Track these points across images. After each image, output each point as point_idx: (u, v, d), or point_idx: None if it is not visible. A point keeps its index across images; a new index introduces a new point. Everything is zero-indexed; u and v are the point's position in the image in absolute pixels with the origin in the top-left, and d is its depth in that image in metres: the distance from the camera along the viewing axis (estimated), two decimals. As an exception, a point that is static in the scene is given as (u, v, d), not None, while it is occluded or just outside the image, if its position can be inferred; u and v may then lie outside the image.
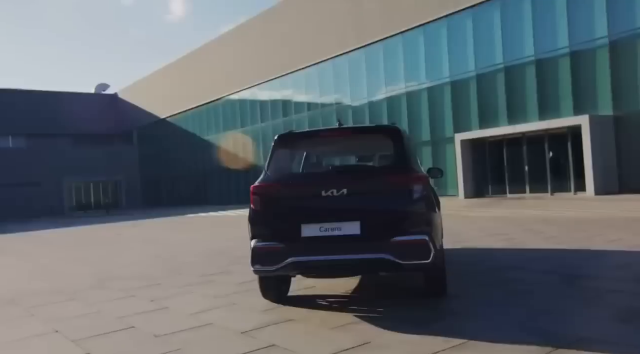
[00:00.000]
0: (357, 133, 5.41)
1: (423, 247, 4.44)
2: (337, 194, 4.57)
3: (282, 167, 5.08)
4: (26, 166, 43.84)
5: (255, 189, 4.89)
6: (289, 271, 4.71)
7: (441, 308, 4.80)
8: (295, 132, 5.31)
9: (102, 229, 21.35)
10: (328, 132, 5.31)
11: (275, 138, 5.19)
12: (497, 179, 20.83)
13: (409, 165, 4.80)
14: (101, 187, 48.08)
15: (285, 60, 30.28)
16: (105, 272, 8.50)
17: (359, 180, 4.77)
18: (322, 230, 4.58)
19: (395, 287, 5.86)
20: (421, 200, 4.59)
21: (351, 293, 5.60)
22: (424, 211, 4.61)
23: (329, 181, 4.72)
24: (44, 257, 11.79)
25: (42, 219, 35.39)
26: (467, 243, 9.04)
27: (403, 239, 4.44)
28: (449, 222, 12.56)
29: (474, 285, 5.67)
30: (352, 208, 4.58)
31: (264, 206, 4.82)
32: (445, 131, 22.27)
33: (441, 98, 22.43)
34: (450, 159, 21.74)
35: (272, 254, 4.65)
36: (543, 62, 18.82)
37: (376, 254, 4.44)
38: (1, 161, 43.14)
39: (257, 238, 4.79)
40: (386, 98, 24.86)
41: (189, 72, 39.39)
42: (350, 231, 4.53)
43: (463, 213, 15.74)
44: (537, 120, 18.82)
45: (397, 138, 4.93)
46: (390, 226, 4.50)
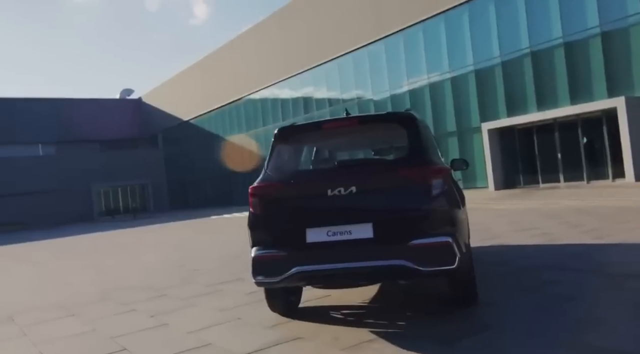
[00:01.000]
0: (366, 122, 4.60)
1: (446, 250, 3.83)
2: (345, 192, 3.99)
3: (283, 164, 4.52)
4: (56, 173, 44.52)
5: (254, 190, 4.35)
6: (294, 282, 4.15)
7: (472, 319, 4.18)
8: (296, 124, 4.73)
9: (124, 234, 21.19)
10: (333, 123, 4.60)
11: (275, 132, 4.64)
12: (529, 168, 19.88)
13: (426, 156, 4.19)
14: (129, 191, 48.41)
15: (304, 57, 29.74)
16: (113, 281, 8.12)
17: (369, 176, 4.15)
18: (329, 234, 4.01)
19: (419, 294, 5.24)
20: (442, 196, 3.97)
21: (369, 303, 5.02)
22: (446, 208, 3.99)
23: (335, 178, 4.16)
24: (58, 266, 11.54)
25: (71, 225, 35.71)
26: (498, 240, 8.34)
27: (423, 242, 3.84)
28: (477, 216, 11.84)
29: (508, 290, 5.02)
30: (362, 208, 4.01)
31: (265, 209, 4.28)
32: (471, 120, 21.39)
33: (466, 87, 21.55)
34: (478, 150, 20.86)
35: (274, 264, 4.10)
36: (572, 44, 17.79)
37: (392, 261, 3.86)
38: (32, 169, 43.97)
39: (257, 246, 4.25)
40: (409, 90, 24.06)
41: (210, 73, 39.21)
42: (361, 234, 3.95)
43: (492, 206, 14.96)
44: (569, 105, 17.82)
45: (412, 126, 4.32)
46: (408, 228, 3.91)
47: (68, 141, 46.64)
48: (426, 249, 3.83)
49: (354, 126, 4.51)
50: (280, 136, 4.60)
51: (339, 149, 6.54)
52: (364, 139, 5.70)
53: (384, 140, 5.83)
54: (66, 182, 44.78)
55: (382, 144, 6.38)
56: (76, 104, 47.48)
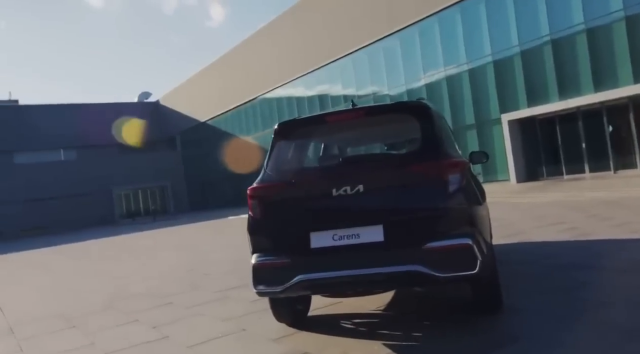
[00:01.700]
0: (374, 114, 4.16)
1: (466, 254, 3.44)
2: (352, 191, 3.62)
3: (284, 162, 4.15)
4: (77, 178, 45.04)
5: (253, 192, 3.99)
6: (298, 291, 3.78)
7: (497, 329, 3.77)
8: (298, 118, 4.35)
9: (142, 237, 21.09)
10: (337, 116, 4.21)
11: (275, 128, 4.27)
12: (552, 159, 19.24)
13: (441, 149, 3.78)
14: (149, 193, 48.69)
15: (319, 54, 29.36)
16: (121, 288, 7.87)
17: (377, 173, 3.75)
18: (336, 238, 3.63)
19: (437, 299, 4.83)
20: (460, 192, 3.56)
21: (383, 310, 4.63)
22: (465, 206, 3.59)
23: (340, 176, 3.77)
24: (70, 272, 11.37)
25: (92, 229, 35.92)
26: (522, 236, 7.87)
27: (439, 245, 3.45)
28: (500, 210, 11.34)
29: (537, 293, 4.58)
30: (372, 209, 3.63)
31: (264, 212, 3.92)
32: (490, 112, 20.78)
33: (484, 78, 20.94)
34: (499, 142, 20.27)
35: (276, 272, 3.75)
36: (594, 29, 17.09)
37: (405, 267, 3.47)
38: (54, 174, 44.53)
39: (258, 252, 3.90)
40: (425, 84, 23.50)
41: (225, 73, 39.09)
42: (371, 237, 3.57)
43: (515, 199, 14.41)
44: (593, 92, 17.13)
45: (424, 116, 3.92)
46: (422, 229, 3.52)
47: (88, 145, 47.04)
48: (443, 252, 3.44)
49: (361, 118, 4.09)
50: (281, 131, 4.23)
51: (346, 144, 6.06)
52: (372, 132, 5.24)
53: (394, 133, 5.36)
54: (87, 186, 45.28)
55: (393, 137, 5.89)
56: (95, 108, 47.82)
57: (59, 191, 44.34)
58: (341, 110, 4.22)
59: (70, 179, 44.82)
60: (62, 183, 44.70)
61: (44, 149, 45.37)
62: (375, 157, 4.17)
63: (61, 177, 44.72)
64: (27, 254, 20.16)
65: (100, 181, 45.61)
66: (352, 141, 6.05)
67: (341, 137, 5.27)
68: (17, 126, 43.82)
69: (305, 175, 4.05)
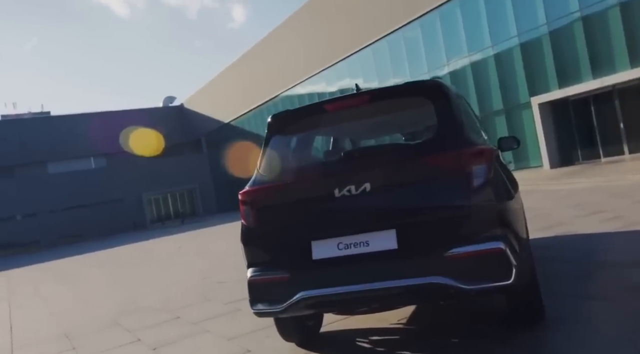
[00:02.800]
0: (380, 98, 3.49)
1: (498, 260, 2.85)
2: (358, 191, 3.07)
3: (280, 161, 3.59)
4: (108, 185, 45.68)
5: (245, 197, 3.47)
6: (301, 310, 3.24)
7: (539, 344, 3.18)
8: (292, 109, 3.73)
9: (167, 241, 20.92)
10: (338, 103, 3.50)
11: (268, 121, 3.73)
12: (587, 142, 18.20)
13: (461, 135, 3.16)
14: (178, 197, 49.00)
15: (338, 47, 28.73)
16: (133, 301, 7.50)
17: (386, 167, 3.16)
18: (341, 247, 3.10)
19: (467, 310, 4.21)
20: (487, 186, 2.95)
21: (405, 324, 4.03)
22: (493, 202, 2.97)
23: (342, 173, 3.20)
24: (88, 284, 11.12)
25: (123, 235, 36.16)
26: (562, 228, 7.14)
27: (465, 251, 2.87)
28: (534, 199, 10.58)
29: (584, 299, 3.91)
30: (381, 211, 3.07)
31: (259, 220, 3.40)
32: (519, 96, 19.83)
33: (510, 61, 19.99)
34: (529, 127, 19.32)
35: (275, 289, 3.24)
36: (629, 2, 16.03)
37: (425, 279, 2.90)
38: (86, 182, 45.23)
39: (253, 267, 3.40)
40: (449, 72, 22.64)
41: (246, 73, 38.82)
42: (382, 245, 3.01)
43: (551, 186, 13.57)
44: (629, 68, 16.05)
45: (439, 97, 3.30)
46: (443, 233, 2.95)
47: (117, 152, 47.49)
48: (470, 260, 2.86)
49: (365, 104, 3.46)
50: (274, 125, 3.68)
51: (351, 136, 5.33)
52: (381, 120, 4.52)
53: (406, 119, 4.68)
54: (118, 193, 45.92)
55: (405, 125, 5.16)
56: (122, 115, 48.20)
57: (92, 198, 45.13)
58: (342, 96, 3.59)
59: (101, 186, 45.53)
60: (94, 191, 45.41)
61: (75, 158, 46.02)
62: (383, 150, 3.46)
63: (93, 185, 45.45)
64: (55, 263, 20.21)
65: (130, 186, 46.17)
66: (358, 132, 5.34)
67: (344, 128, 4.61)
68: (50, 137, 44.55)
69: (303, 175, 3.44)
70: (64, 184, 44.78)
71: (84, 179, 45.63)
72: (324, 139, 5.22)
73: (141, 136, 45.29)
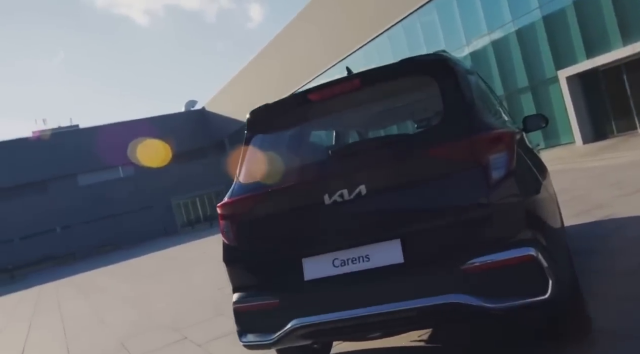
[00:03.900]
0: (374, 81, 2.85)
1: (529, 270, 2.31)
2: (351, 196, 2.55)
3: (262, 166, 3.07)
4: (137, 192, 46.22)
5: (223, 210, 2.98)
6: (296, 340, 2.73)
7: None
8: (273, 102, 3.16)
9: (193, 246, 20.73)
10: (325, 91, 2.88)
11: (247, 118, 3.23)
12: (621, 113, 17.20)
13: (473, 118, 2.56)
14: (205, 199, 49.15)
15: (353, 36, 28.09)
16: (146, 318, 7.17)
17: (383, 165, 2.59)
18: (337, 264, 2.58)
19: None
20: (508, 179, 2.38)
21: (425, 341, 3.48)
22: (518, 197, 2.38)
23: (330, 175, 2.66)
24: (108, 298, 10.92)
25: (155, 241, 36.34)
26: (602, 211, 6.39)
27: (486, 261, 2.32)
28: (569, 179, 9.84)
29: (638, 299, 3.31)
30: (382, 218, 2.54)
31: (240, 235, 2.90)
32: (545, 71, 18.90)
33: (533, 35, 19.04)
34: (558, 102, 18.40)
35: (265, 317, 2.76)
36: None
37: (439, 298, 2.36)
38: (116, 191, 45.83)
39: (239, 291, 2.92)
40: (470, 53, 21.78)
41: (262, 71, 38.52)
42: (386, 259, 2.48)
43: (585, 163, 12.74)
44: (662, 32, 15.08)
45: (446, 75, 2.69)
46: (458, 241, 2.41)
47: (144, 160, 47.92)
48: (494, 272, 2.32)
49: (358, 89, 2.85)
50: (254, 123, 3.18)
51: (343, 129, 4.54)
52: (381, 107, 3.85)
53: (413, 104, 4.03)
54: (148, 200, 46.42)
55: (412, 111, 4.46)
56: (146, 123, 48.51)
57: (123, 207, 45.77)
58: (328, 82, 2.95)
59: (131, 194, 46.12)
60: (125, 199, 46.03)
61: (103, 168, 46.56)
62: (379, 144, 2.79)
63: (123, 193, 46.07)
64: (85, 276, 20.27)
65: (159, 193, 46.58)
66: (352, 124, 4.57)
67: (335, 120, 3.92)
68: (79, 149, 45.15)
69: (290, 180, 2.81)
70: (94, 195, 45.48)
71: (113, 189, 46.27)
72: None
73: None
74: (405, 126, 4.59)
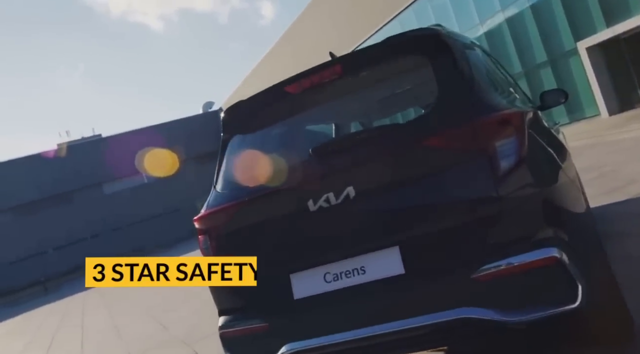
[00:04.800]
0: (357, 66, 2.54)
1: (554, 275, 1.96)
2: (339, 200, 2.20)
3: (241, 171, 2.74)
4: (163, 197, 46.63)
5: (201, 223, 2.66)
6: None
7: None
8: (246, 99, 2.78)
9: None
10: (303, 81, 2.56)
11: (222, 118, 2.91)
12: (648, 81, 16.47)
13: (474, 99, 2.21)
14: (231, 199, 49.25)
15: (364, 23, 27.62)
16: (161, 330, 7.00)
17: (371, 161, 2.24)
18: (329, 279, 2.26)
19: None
20: (520, 167, 2.02)
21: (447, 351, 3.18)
22: (534, 188, 2.04)
23: (313, 177, 2.33)
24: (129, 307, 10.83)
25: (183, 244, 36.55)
26: (635, 187, 5.85)
27: (500, 267, 1.99)
28: (596, 154, 9.31)
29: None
30: (375, 223, 2.20)
31: (220, 251, 2.58)
32: (563, 44, 18.18)
33: (549, 7, 18.31)
34: (579, 74, 17.69)
35: (254, 342, 2.46)
36: None
37: (449, 313, 2.03)
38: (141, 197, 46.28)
39: (224, 314, 2.63)
40: (484, 33, 21.12)
41: (276, 67, 38.28)
42: (384, 270, 2.16)
43: (613, 136, 12.14)
44: (686, -8, 14.31)
45: (439, 51, 2.35)
46: (466, 245, 2.07)
47: (167, 164, 48.25)
48: (511, 280, 1.98)
49: (339, 77, 2.49)
50: (230, 123, 2.86)
51: (328, 124, 4.13)
52: (366, 96, 3.41)
53: (404, 90, 3.68)
54: (174, 203, 46.77)
55: (400, 100, 3.97)
56: (165, 127, 48.90)
57: (150, 212, 46.22)
58: (307, 70, 2.64)
59: (156, 199, 46.56)
60: (151, 204, 46.51)
61: (127, 176, 47.06)
62: (364, 137, 2.45)
63: (148, 199, 46.50)
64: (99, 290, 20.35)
65: (184, 196, 46.74)
66: (337, 117, 4.05)
67: (320, 113, 3.45)
68: (103, 158, 45.66)
69: (270, 185, 2.45)
70: (121, 203, 46.06)
71: (139, 195, 46.75)
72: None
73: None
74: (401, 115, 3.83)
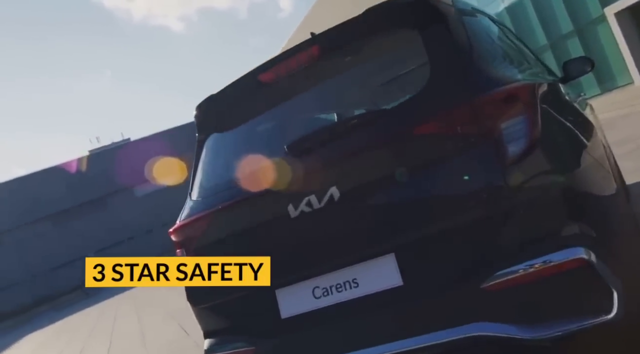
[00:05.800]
0: (337, 45, 2.15)
1: (582, 281, 1.61)
2: (322, 203, 1.88)
3: (218, 175, 2.45)
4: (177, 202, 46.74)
5: (177, 236, 2.39)
6: None
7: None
8: (217, 92, 2.46)
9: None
10: (276, 66, 2.22)
11: (195, 116, 2.57)
12: (683, 44, 15.58)
13: (472, 72, 1.84)
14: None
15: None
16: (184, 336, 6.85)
17: (355, 156, 1.89)
18: (318, 294, 1.95)
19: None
20: (533, 151, 1.66)
21: None
22: (551, 175, 1.68)
23: (291, 178, 1.98)
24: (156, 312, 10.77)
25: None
26: None
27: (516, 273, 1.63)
28: (632, 126, 8.69)
29: None
30: (366, 228, 1.87)
31: None
32: (590, 11, 17.34)
33: (572, -27, 17.52)
34: (608, 41, 16.85)
35: None
36: None
37: (456, 330, 1.71)
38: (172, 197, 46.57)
39: (209, 337, 2.35)
40: (505, 8, 20.32)
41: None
42: (378, 282, 1.84)
43: (649, 105, 11.45)
44: None
45: (429, 20, 1.98)
46: (473, 249, 1.72)
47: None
48: (528, 289, 1.64)
49: (318, 58, 2.13)
50: (202, 123, 2.56)
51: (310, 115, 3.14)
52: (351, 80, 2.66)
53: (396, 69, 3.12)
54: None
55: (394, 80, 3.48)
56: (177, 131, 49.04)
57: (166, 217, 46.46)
58: (281, 54, 2.22)
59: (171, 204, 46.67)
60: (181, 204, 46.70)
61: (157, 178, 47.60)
62: (344, 128, 2.08)
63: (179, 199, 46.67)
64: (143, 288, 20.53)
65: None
66: (321, 106, 3.17)
67: (299, 103, 2.59)
68: (132, 161, 46.26)
69: (247, 189, 2.13)
70: (152, 204, 46.61)
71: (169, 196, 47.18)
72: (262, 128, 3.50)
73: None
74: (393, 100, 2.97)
